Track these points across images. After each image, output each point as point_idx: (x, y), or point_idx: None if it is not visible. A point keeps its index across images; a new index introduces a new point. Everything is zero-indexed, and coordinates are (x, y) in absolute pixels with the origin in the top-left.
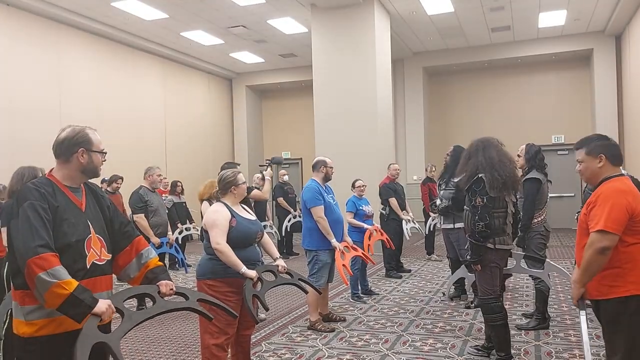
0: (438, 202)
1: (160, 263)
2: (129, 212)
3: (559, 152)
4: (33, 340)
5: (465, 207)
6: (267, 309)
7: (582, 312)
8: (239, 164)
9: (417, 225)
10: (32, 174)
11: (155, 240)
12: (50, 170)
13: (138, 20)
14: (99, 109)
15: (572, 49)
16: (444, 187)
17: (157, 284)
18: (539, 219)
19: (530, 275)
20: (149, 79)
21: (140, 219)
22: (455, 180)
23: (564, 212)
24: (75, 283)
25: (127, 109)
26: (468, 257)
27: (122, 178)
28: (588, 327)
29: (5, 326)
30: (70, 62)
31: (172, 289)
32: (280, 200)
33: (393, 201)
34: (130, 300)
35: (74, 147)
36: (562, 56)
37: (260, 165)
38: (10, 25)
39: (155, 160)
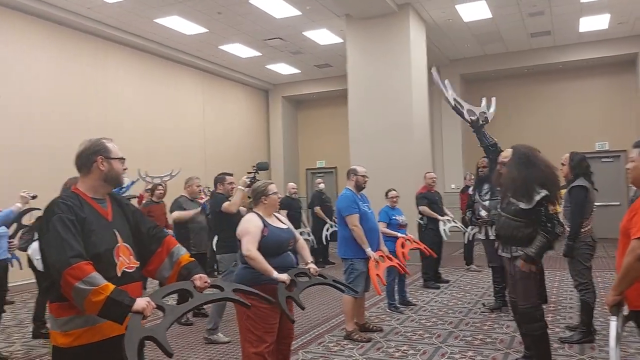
0: (484, 213)
1: (192, 259)
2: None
3: (603, 160)
4: (71, 350)
5: (512, 217)
6: (302, 308)
7: (613, 318)
8: (231, 174)
9: (458, 224)
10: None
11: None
12: (75, 184)
13: (179, 35)
14: (142, 120)
15: (616, 53)
16: (487, 197)
17: (192, 278)
18: (586, 228)
19: (575, 286)
20: (189, 91)
21: (175, 214)
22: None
23: (609, 222)
24: (111, 286)
25: (168, 121)
26: (532, 253)
27: (162, 185)
28: (617, 335)
29: None
30: (116, 76)
31: (206, 282)
32: (317, 209)
33: (424, 209)
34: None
35: (92, 156)
36: (605, 60)
37: (248, 173)
38: (59, 42)
39: (194, 170)
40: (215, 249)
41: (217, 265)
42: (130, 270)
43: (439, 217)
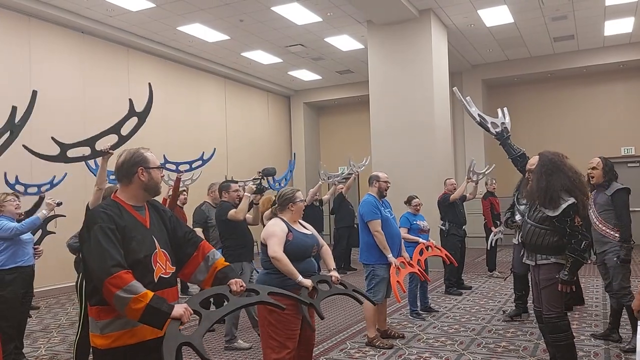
0: (518, 217)
1: (227, 263)
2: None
3: (629, 165)
4: (110, 351)
5: (538, 224)
6: (322, 318)
7: None
8: (237, 182)
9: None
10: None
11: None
12: (115, 192)
13: (201, 43)
14: (165, 127)
15: None
16: (524, 201)
17: (228, 283)
18: None
19: (617, 291)
20: (211, 97)
21: (197, 232)
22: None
23: (634, 228)
24: (150, 294)
25: (191, 127)
26: (565, 276)
27: (185, 191)
28: None
29: (77, 338)
30: (139, 83)
31: (242, 286)
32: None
33: (454, 195)
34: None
35: (133, 167)
36: (630, 65)
37: (254, 179)
38: (85, 51)
39: (217, 176)
40: None
41: None
42: (167, 276)
43: (466, 182)
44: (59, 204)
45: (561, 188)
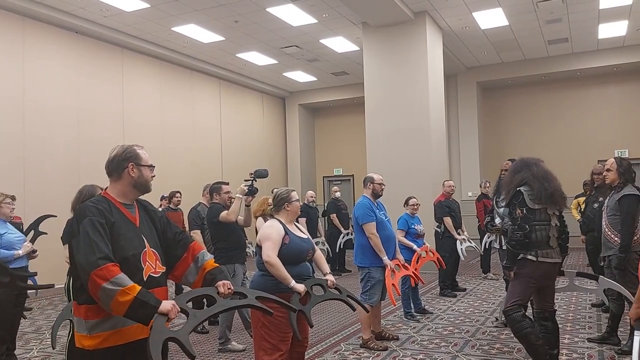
0: (498, 221)
1: (216, 264)
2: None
3: None
4: (97, 352)
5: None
6: (311, 326)
7: (638, 333)
8: (227, 183)
9: (473, 244)
10: (91, 191)
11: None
12: (105, 189)
13: (196, 44)
14: (160, 128)
15: (634, 60)
16: (503, 204)
17: (216, 285)
18: (636, 237)
19: (605, 293)
20: (206, 98)
21: (196, 234)
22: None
23: None
24: (138, 287)
25: (185, 128)
26: (504, 263)
27: (179, 192)
28: None
29: (69, 339)
30: (133, 84)
31: (230, 289)
32: (333, 217)
33: (447, 220)
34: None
35: (123, 162)
36: (624, 68)
37: (245, 180)
38: (79, 51)
39: (212, 177)
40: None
41: None
42: (156, 275)
43: (457, 237)
44: (34, 252)
45: (521, 181)
